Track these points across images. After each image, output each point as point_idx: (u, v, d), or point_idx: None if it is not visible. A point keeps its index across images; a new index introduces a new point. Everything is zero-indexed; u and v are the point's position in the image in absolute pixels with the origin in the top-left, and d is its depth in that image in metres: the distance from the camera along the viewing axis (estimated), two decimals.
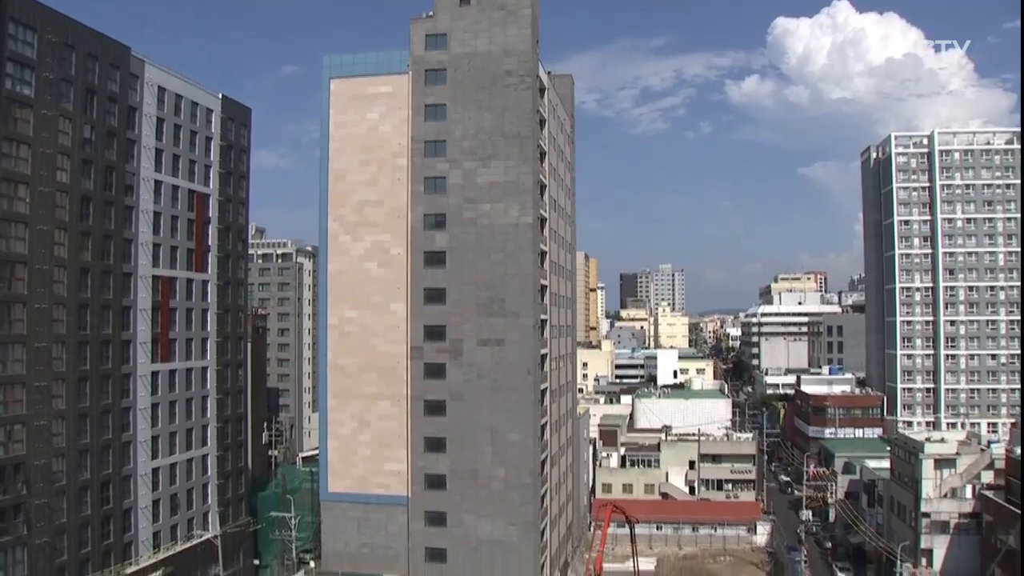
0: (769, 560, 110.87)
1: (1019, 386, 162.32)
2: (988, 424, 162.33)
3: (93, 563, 76.15)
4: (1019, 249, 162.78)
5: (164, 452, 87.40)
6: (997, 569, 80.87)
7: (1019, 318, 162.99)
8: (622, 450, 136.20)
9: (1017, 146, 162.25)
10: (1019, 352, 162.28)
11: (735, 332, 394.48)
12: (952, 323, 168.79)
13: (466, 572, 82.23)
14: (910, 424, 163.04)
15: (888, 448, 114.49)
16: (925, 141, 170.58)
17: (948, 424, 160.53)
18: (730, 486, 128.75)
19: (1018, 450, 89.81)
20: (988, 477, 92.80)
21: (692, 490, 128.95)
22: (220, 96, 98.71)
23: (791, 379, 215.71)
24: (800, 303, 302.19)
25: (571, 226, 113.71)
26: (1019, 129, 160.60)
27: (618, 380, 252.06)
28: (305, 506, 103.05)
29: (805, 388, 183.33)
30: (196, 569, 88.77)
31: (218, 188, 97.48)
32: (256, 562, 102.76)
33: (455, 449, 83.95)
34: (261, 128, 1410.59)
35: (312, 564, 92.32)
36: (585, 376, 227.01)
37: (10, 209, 68.59)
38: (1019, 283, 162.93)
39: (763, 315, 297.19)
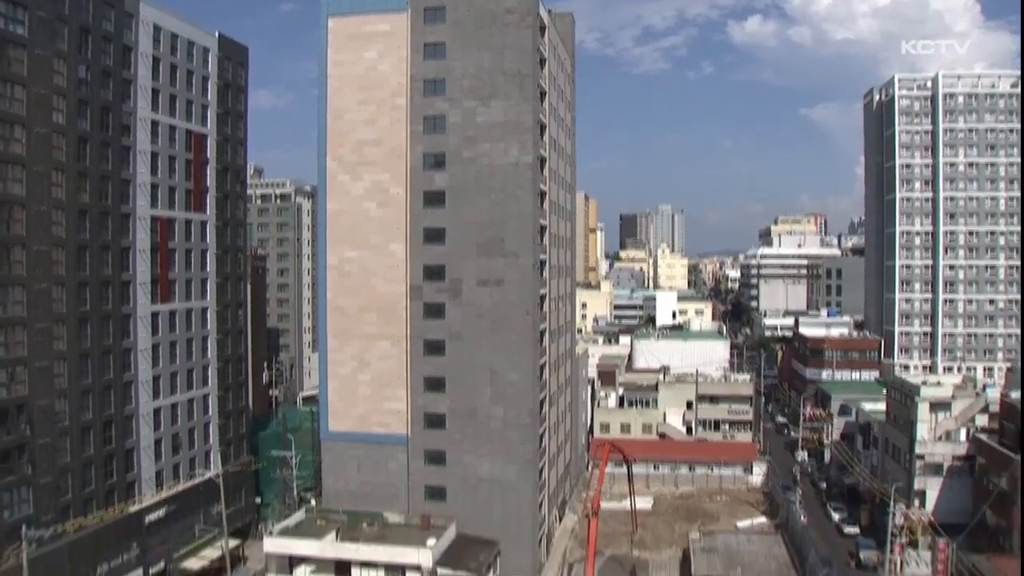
0: (764, 500, 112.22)
1: (1017, 330, 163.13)
2: (984, 368, 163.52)
3: (97, 502, 77.00)
4: (1019, 194, 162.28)
5: (165, 392, 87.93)
6: (989, 511, 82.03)
7: (1019, 263, 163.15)
8: (620, 390, 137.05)
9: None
10: (1018, 297, 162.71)
11: (734, 274, 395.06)
12: (951, 267, 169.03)
13: (465, 510, 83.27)
14: (907, 367, 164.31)
15: (884, 391, 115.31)
16: (929, 84, 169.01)
17: (945, 368, 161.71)
18: (727, 427, 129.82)
19: (1013, 394, 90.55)
20: (983, 421, 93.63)
21: (689, 430, 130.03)
22: (216, 35, 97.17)
23: (789, 321, 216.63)
24: (800, 245, 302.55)
25: (571, 166, 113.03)
26: (1020, 72, 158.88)
27: (617, 321, 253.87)
28: (306, 445, 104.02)
29: (803, 330, 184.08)
30: (199, 507, 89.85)
31: (216, 128, 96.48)
32: (258, 500, 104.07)
33: (454, 389, 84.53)
34: (258, 67, 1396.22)
35: (313, 502, 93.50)
36: (584, 316, 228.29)
37: (6, 150, 67.91)
38: (1019, 228, 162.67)
39: (762, 257, 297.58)
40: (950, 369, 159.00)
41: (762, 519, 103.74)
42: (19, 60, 68.95)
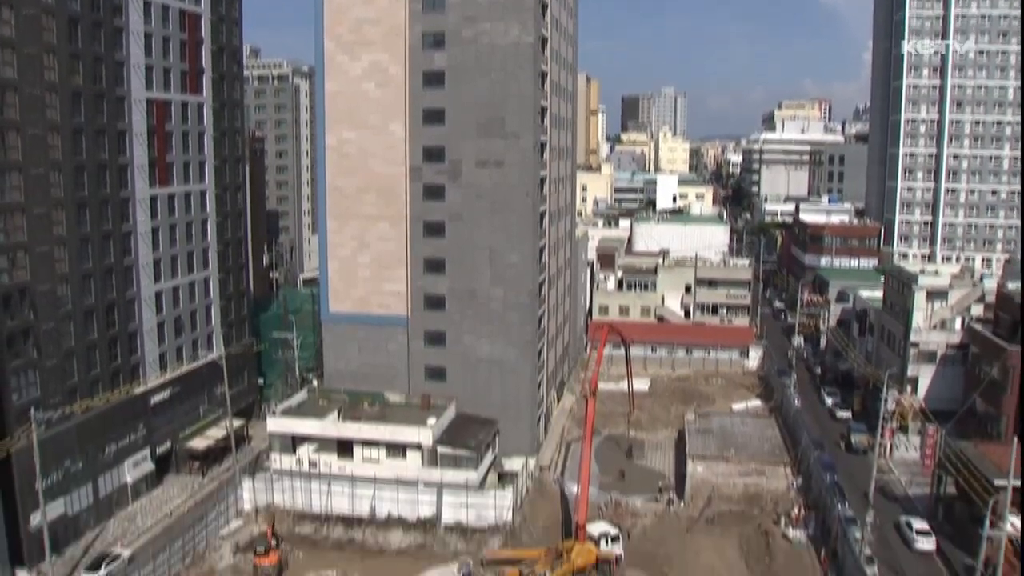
0: (759, 383, 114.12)
1: (1017, 221, 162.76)
2: (983, 258, 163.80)
3: (102, 384, 77.97)
4: (1020, 83, 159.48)
5: (166, 276, 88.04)
6: (979, 399, 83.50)
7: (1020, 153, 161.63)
8: (619, 273, 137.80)
9: None
10: (1019, 188, 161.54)
11: (736, 158, 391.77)
12: (955, 156, 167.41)
13: (465, 390, 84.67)
14: (906, 256, 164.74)
15: (882, 278, 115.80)
16: None
17: (943, 257, 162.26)
18: (725, 311, 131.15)
19: (1010, 284, 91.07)
20: (978, 310, 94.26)
21: (687, 314, 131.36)
22: None
23: (790, 207, 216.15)
24: (803, 131, 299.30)
25: (572, 47, 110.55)
26: None
27: (617, 204, 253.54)
28: (307, 327, 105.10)
29: (803, 216, 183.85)
30: (203, 389, 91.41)
31: (209, 7, 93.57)
32: (260, 381, 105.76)
33: (454, 270, 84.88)
34: None
35: (315, 383, 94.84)
36: (584, 199, 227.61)
37: None
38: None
39: (765, 142, 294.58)
40: (949, 258, 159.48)
41: (756, 402, 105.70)
42: None
